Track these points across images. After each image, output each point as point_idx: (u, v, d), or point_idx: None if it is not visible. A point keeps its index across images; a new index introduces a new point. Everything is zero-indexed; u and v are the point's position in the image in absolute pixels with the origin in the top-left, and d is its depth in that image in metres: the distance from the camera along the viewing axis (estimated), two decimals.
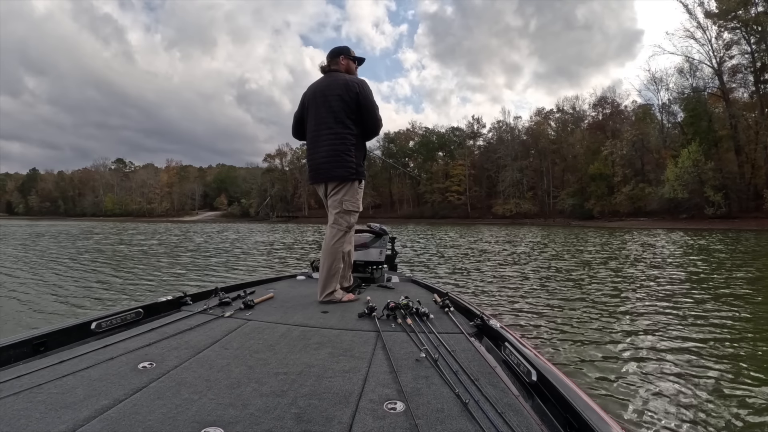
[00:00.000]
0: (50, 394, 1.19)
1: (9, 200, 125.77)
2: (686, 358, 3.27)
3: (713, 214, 38.44)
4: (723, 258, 10.65)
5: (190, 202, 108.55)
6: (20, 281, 7.28)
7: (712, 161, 39.99)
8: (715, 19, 42.04)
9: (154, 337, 1.79)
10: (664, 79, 50.76)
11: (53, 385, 1.26)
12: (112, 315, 1.94)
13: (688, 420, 2.30)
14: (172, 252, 13.21)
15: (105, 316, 1.90)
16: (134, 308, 2.07)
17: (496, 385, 1.31)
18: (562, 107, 67.81)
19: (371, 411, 1.13)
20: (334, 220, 2.80)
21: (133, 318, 2.03)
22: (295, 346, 1.71)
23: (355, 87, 2.71)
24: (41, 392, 1.21)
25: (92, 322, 1.82)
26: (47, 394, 1.19)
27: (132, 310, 2.05)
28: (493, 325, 1.85)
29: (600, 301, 5.44)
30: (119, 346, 1.64)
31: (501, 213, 63.35)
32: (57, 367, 1.40)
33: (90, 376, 1.34)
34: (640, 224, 41.44)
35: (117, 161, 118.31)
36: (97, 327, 1.83)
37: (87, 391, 1.22)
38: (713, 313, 4.70)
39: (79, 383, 1.28)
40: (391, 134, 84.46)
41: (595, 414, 0.98)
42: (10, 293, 6.18)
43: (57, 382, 1.28)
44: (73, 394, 1.20)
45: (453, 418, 1.09)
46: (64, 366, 1.41)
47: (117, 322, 1.94)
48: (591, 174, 54.05)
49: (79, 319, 1.84)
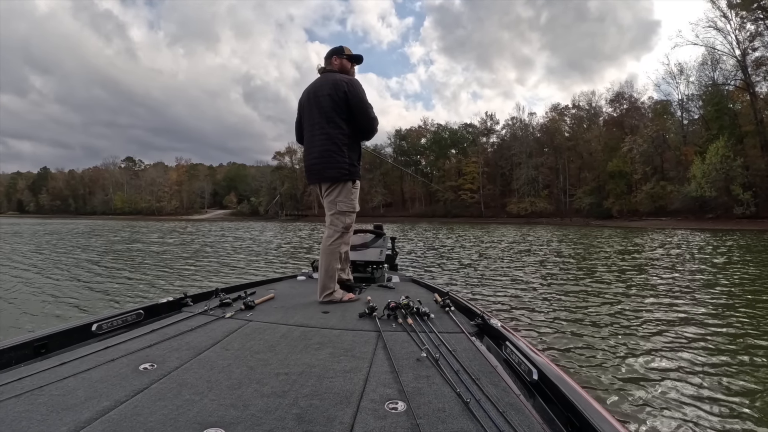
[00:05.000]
0: (51, 396, 1.20)
1: (20, 199, 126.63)
2: (689, 357, 3.26)
3: (742, 213, 36.95)
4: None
5: (200, 201, 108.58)
6: (55, 281, 7.13)
7: (741, 158, 38.46)
8: (738, 10, 40.59)
9: (154, 338, 1.78)
10: (685, 72, 49.18)
11: (54, 387, 1.26)
12: (112, 317, 1.93)
13: (689, 419, 2.30)
14: (197, 253, 12.51)
15: (106, 318, 1.90)
16: (135, 310, 2.08)
17: (497, 384, 1.32)
18: (578, 103, 66.27)
19: (372, 411, 1.14)
20: (331, 221, 2.82)
21: (133, 319, 2.04)
22: (296, 347, 1.71)
23: (343, 86, 2.69)
24: (42, 394, 1.21)
25: (93, 324, 1.82)
26: (48, 396, 1.20)
27: (133, 312, 2.05)
28: (493, 324, 1.83)
29: (607, 303, 5.35)
30: (120, 348, 1.64)
31: (515, 212, 62.10)
32: (58, 369, 1.40)
33: (91, 378, 1.34)
34: (663, 224, 40.13)
35: (127, 160, 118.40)
36: (97, 329, 1.83)
37: (88, 392, 1.23)
38: (721, 316, 4.58)
39: (80, 385, 1.29)
40: (403, 131, 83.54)
41: (596, 413, 0.99)
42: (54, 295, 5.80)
43: (58, 384, 1.29)
44: (74, 396, 1.20)
45: (454, 418, 1.09)
46: (65, 368, 1.42)
47: (118, 324, 1.94)
48: (609, 171, 52.55)
49: (80, 321, 1.84)
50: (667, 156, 50.33)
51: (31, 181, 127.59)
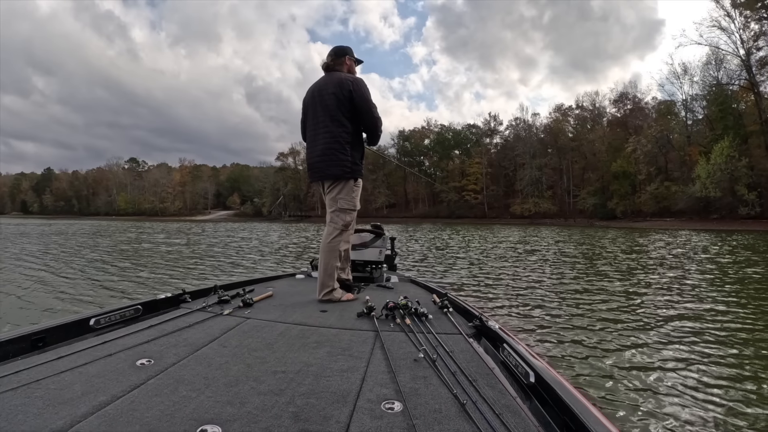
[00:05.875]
0: (48, 390, 1.20)
1: (24, 199, 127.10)
2: (689, 361, 3.23)
3: (746, 214, 36.86)
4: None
5: (203, 201, 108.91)
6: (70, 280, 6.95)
7: (746, 158, 38.38)
8: (742, 9, 40.51)
9: (152, 334, 1.77)
10: (689, 71, 49.08)
11: (51, 381, 1.26)
12: (110, 311, 1.93)
13: (687, 423, 2.29)
14: (206, 253, 12.54)
15: (104, 313, 1.90)
16: (133, 305, 2.08)
17: (494, 386, 1.32)
18: (582, 103, 66.28)
19: (369, 410, 1.14)
20: (331, 218, 2.84)
21: (131, 315, 2.04)
22: (294, 345, 1.70)
23: (348, 84, 2.71)
24: (39, 388, 1.21)
25: (91, 319, 1.82)
26: (45, 390, 1.20)
27: (131, 307, 2.05)
28: (491, 326, 1.83)
29: (605, 305, 5.26)
30: (117, 343, 1.64)
31: (519, 213, 62.14)
32: (55, 363, 1.40)
33: (88, 373, 1.34)
34: (668, 224, 40.06)
35: (130, 160, 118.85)
36: (95, 323, 1.83)
37: (85, 387, 1.23)
38: (724, 321, 4.45)
39: (77, 379, 1.28)
40: (406, 132, 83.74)
41: (592, 416, 0.99)
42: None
43: (55, 378, 1.28)
44: (70, 390, 1.20)
45: (450, 419, 1.09)
46: (62, 362, 1.41)
47: (116, 319, 1.94)
48: (613, 172, 52.56)
49: (78, 316, 1.83)
50: (672, 156, 50.26)
51: (35, 182, 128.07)
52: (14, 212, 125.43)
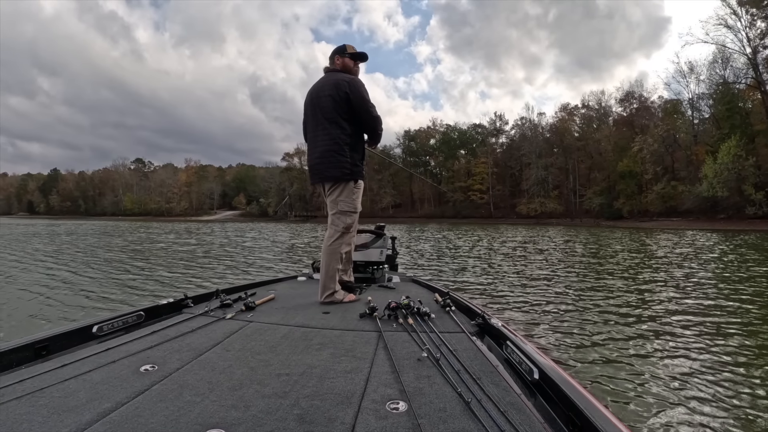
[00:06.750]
0: (52, 398, 1.20)
1: (30, 200, 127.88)
2: (694, 357, 3.24)
3: (754, 213, 36.70)
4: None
5: (209, 202, 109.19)
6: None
7: (753, 157, 38.25)
8: (748, 7, 40.30)
9: (155, 339, 1.79)
10: (695, 70, 48.86)
11: (55, 389, 1.26)
12: (113, 318, 1.94)
13: (693, 418, 2.29)
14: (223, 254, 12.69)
15: (106, 320, 1.91)
16: (135, 311, 2.09)
17: (498, 383, 1.32)
18: (588, 102, 66.08)
19: (374, 411, 1.14)
20: (332, 221, 2.83)
21: (134, 321, 2.05)
22: (297, 347, 1.71)
23: (345, 86, 2.69)
24: (43, 396, 1.21)
25: (94, 326, 1.83)
26: (49, 398, 1.20)
27: (133, 313, 2.06)
28: (494, 323, 1.84)
29: (609, 302, 5.33)
30: (121, 349, 1.64)
31: (525, 212, 62.14)
32: (59, 371, 1.40)
33: (92, 380, 1.34)
34: (675, 224, 40.00)
35: (136, 161, 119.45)
36: (98, 330, 1.84)
37: (89, 394, 1.23)
38: (729, 318, 4.50)
39: (81, 387, 1.29)
40: (412, 132, 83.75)
41: (597, 412, 0.98)
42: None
43: (59, 386, 1.28)
44: (75, 398, 1.20)
45: (455, 418, 1.09)
46: (66, 370, 1.42)
47: (118, 326, 1.95)
48: (620, 171, 52.50)
49: (81, 323, 1.84)
50: (678, 156, 50.12)
51: (42, 183, 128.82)
52: (21, 213, 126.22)
